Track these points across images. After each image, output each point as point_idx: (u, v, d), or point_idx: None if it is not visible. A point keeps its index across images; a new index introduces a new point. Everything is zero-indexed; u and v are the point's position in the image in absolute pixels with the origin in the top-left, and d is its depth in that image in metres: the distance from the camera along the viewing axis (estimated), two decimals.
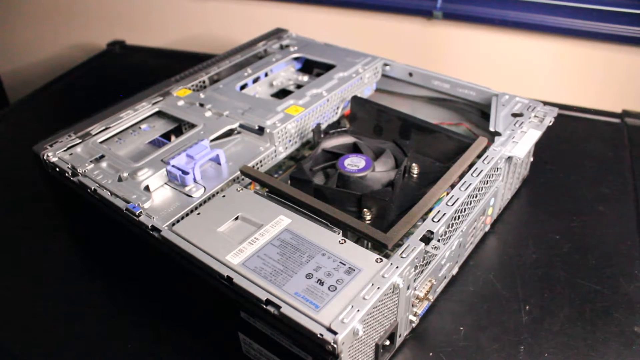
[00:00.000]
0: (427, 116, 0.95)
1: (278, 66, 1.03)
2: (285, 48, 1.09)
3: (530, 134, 0.81)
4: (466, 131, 0.93)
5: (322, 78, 0.95)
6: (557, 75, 1.27)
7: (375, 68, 1.00)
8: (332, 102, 0.92)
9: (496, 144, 0.78)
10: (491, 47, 1.29)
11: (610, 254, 0.81)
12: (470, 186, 0.70)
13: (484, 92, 0.93)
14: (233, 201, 0.69)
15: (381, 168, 0.75)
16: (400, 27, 1.34)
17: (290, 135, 0.85)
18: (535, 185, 0.94)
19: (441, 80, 0.97)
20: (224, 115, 0.86)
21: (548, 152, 1.01)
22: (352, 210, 0.71)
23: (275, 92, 1.01)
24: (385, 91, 1.04)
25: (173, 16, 1.58)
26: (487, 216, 0.82)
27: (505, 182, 0.84)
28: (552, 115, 0.86)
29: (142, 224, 0.68)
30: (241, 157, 0.79)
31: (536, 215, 0.89)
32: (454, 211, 0.67)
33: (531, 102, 0.89)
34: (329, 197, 0.71)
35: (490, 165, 0.74)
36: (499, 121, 0.83)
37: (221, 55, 1.06)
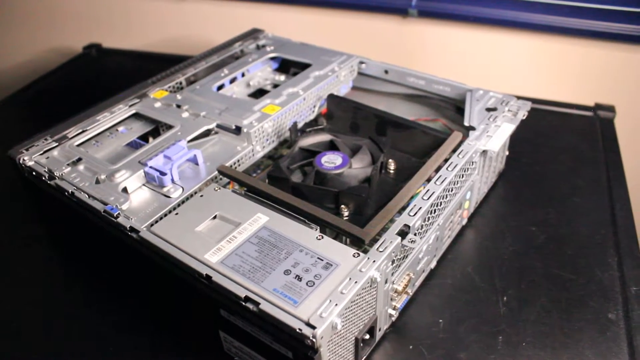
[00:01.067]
0: (404, 113, 0.96)
1: (255, 66, 1.04)
2: (262, 48, 1.10)
3: (504, 128, 0.82)
4: (442, 127, 0.94)
5: (298, 77, 0.96)
6: (530, 70, 1.29)
7: (351, 66, 1.01)
8: (309, 101, 0.92)
9: (471, 138, 0.79)
10: (466, 44, 1.30)
11: (585, 244, 0.83)
12: (446, 180, 0.71)
13: (458, 87, 0.94)
14: (211, 201, 0.69)
15: (358, 165, 0.76)
16: (375, 26, 1.35)
17: (268, 134, 0.85)
18: (511, 179, 0.96)
19: (416, 77, 0.98)
20: (201, 116, 0.87)
21: (523, 146, 1.02)
22: (330, 207, 0.71)
23: (253, 92, 1.02)
24: (362, 89, 1.05)
25: (149, 18, 1.58)
26: (464, 210, 0.83)
27: (481, 175, 0.85)
28: (526, 109, 0.87)
29: (120, 225, 0.68)
30: (219, 157, 0.80)
31: (512, 207, 0.90)
32: (429, 205, 0.68)
33: (505, 96, 0.90)
34: (306, 195, 0.72)
35: (465, 159, 0.75)
36: (474, 116, 0.85)
37: (198, 56, 1.07)
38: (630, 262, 0.80)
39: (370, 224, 0.64)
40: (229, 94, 0.98)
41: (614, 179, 0.95)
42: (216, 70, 1.02)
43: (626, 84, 1.23)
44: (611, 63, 1.22)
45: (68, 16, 1.66)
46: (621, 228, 0.85)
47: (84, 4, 1.63)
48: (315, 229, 0.64)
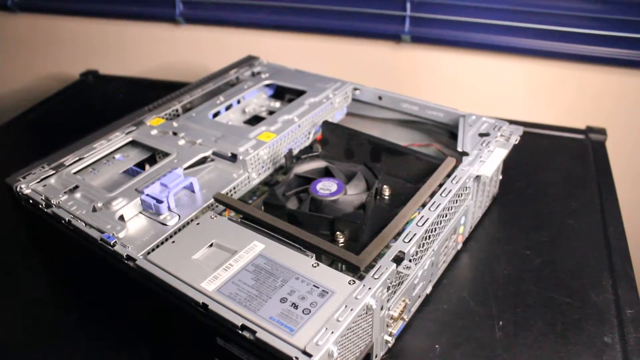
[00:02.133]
0: (398, 138, 0.97)
1: (250, 93, 1.05)
2: (257, 75, 1.11)
3: (497, 153, 0.83)
4: (436, 152, 0.95)
5: (293, 104, 0.97)
6: (523, 94, 1.31)
7: (345, 93, 1.03)
8: (304, 128, 0.93)
9: (464, 163, 0.80)
10: (458, 69, 1.32)
11: (580, 266, 0.83)
12: (440, 206, 0.72)
13: (451, 113, 0.95)
14: (207, 228, 0.69)
15: (353, 191, 0.77)
16: (369, 52, 1.36)
17: (263, 161, 0.86)
18: (505, 203, 0.97)
19: (410, 102, 0.99)
20: (197, 144, 0.87)
21: (517, 170, 1.03)
22: (326, 233, 0.72)
23: (248, 118, 1.03)
24: (356, 115, 1.06)
25: (146, 45, 1.59)
26: (459, 234, 0.84)
27: (475, 200, 0.86)
28: (518, 133, 0.88)
29: (117, 254, 0.68)
30: (215, 184, 0.80)
31: (507, 231, 0.91)
32: (424, 231, 0.68)
33: (497, 121, 0.91)
34: (302, 222, 0.72)
35: (459, 184, 0.76)
36: (467, 141, 0.86)
37: (194, 83, 1.08)
38: (624, 284, 0.80)
39: (366, 251, 0.64)
40: (224, 121, 0.99)
41: (606, 201, 0.96)
42: (212, 97, 1.03)
43: (616, 106, 1.25)
44: (601, 86, 1.24)
45: (65, 42, 1.68)
46: (615, 250, 0.86)
47: (81, 31, 1.64)
48: (311, 256, 0.65)
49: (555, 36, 1.21)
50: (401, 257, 0.65)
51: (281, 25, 1.40)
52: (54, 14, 1.64)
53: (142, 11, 1.52)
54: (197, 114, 0.96)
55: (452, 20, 1.25)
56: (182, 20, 1.49)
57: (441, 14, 1.25)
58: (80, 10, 1.59)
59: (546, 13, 1.19)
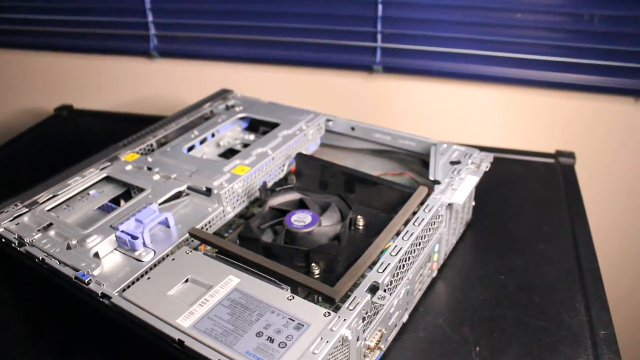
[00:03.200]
0: (371, 168, 0.99)
1: (224, 126, 1.06)
2: (231, 108, 1.12)
3: (468, 180, 0.85)
4: (409, 180, 0.97)
5: (267, 137, 0.98)
6: (494, 120, 1.33)
7: (319, 124, 1.04)
8: (278, 160, 0.95)
9: (436, 192, 0.82)
10: (430, 98, 1.35)
11: (553, 289, 0.85)
12: (413, 235, 0.73)
13: (422, 142, 0.97)
14: (183, 264, 0.70)
15: (327, 222, 0.78)
16: (342, 83, 1.39)
17: (238, 194, 0.87)
18: (478, 228, 0.98)
19: (382, 132, 1.01)
20: (172, 178, 0.88)
21: (489, 195, 1.05)
22: (301, 265, 0.73)
23: (223, 152, 1.04)
24: (330, 145, 1.08)
25: (120, 78, 1.60)
26: (434, 262, 0.85)
27: (449, 227, 0.87)
28: (488, 160, 0.90)
29: (92, 292, 0.68)
30: (190, 219, 0.81)
31: (481, 257, 0.92)
32: (397, 261, 0.69)
33: (468, 149, 0.93)
34: (277, 254, 0.73)
35: (432, 213, 0.77)
36: (438, 170, 0.88)
37: (168, 117, 1.09)
38: (597, 305, 0.82)
39: (341, 282, 0.65)
40: (199, 155, 1.00)
41: (577, 224, 0.98)
42: (186, 131, 1.04)
43: (586, 131, 1.28)
44: (571, 112, 1.27)
45: (40, 77, 1.68)
46: (587, 272, 0.88)
47: (55, 65, 1.65)
48: (286, 289, 0.65)
49: (525, 64, 1.24)
50: (376, 287, 0.66)
51: (254, 58, 1.43)
52: (28, 49, 1.64)
53: (117, 45, 1.53)
54: (171, 149, 0.97)
55: (423, 50, 1.28)
56: (156, 54, 1.51)
57: (412, 44, 1.28)
58: (55, 45, 1.60)
59: (516, 42, 1.22)
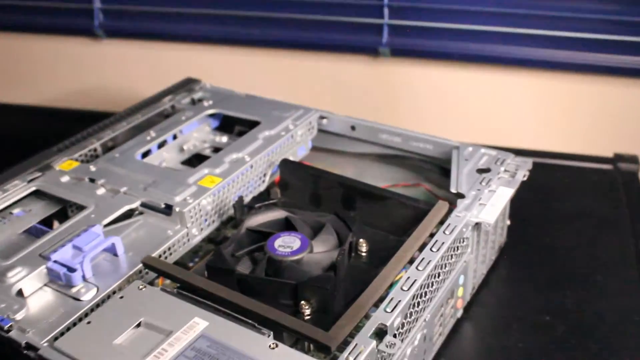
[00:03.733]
0: (377, 178, 0.99)
1: (189, 126, 1.06)
2: (198, 103, 1.13)
3: (501, 193, 0.85)
4: (425, 194, 0.97)
5: (244, 139, 0.99)
6: (531, 116, 1.34)
7: (310, 122, 1.05)
8: (257, 169, 0.95)
9: (459, 208, 0.82)
10: (450, 88, 1.35)
11: (615, 335, 0.85)
12: (431, 263, 0.73)
13: (442, 144, 0.98)
14: (134, 303, 0.70)
15: (321, 248, 0.78)
16: (339, 70, 1.39)
17: (207, 213, 0.87)
18: (515, 254, 0.99)
19: (391, 133, 1.01)
20: (122, 193, 0.88)
21: (529, 212, 1.06)
22: (288, 304, 0.72)
23: (187, 158, 1.04)
24: (324, 149, 1.08)
25: (56, 64, 1.60)
26: (458, 298, 0.85)
27: (476, 254, 0.88)
28: (526, 167, 0.91)
29: (14, 342, 0.67)
30: (144, 244, 0.81)
31: (519, 291, 0.92)
32: (411, 297, 0.69)
33: (500, 153, 0.94)
34: (257, 290, 0.73)
35: (454, 235, 0.78)
36: (462, 179, 0.88)
37: (117, 115, 1.09)
38: None
39: (338, 325, 0.65)
40: (157, 162, 1.00)
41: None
42: (141, 132, 1.04)
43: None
44: (630, 104, 1.27)
45: None
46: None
47: None
48: (268, 334, 0.65)
49: (572, 44, 1.23)
50: (383, 331, 0.66)
51: (228, 39, 1.43)
52: None
53: (52, 23, 1.52)
54: (121, 154, 0.97)
55: (440, 28, 1.28)
56: (102, 34, 1.51)
57: (427, 20, 1.28)
58: None
59: (557, 17, 1.22)
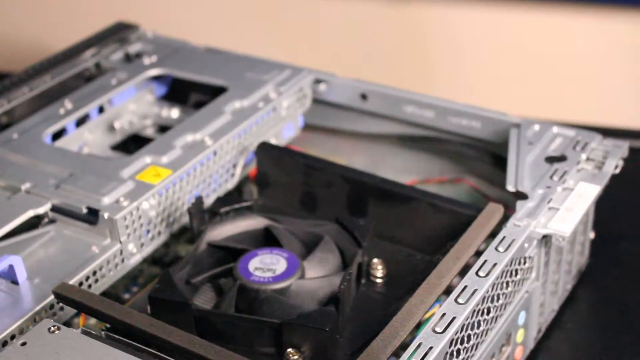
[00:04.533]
0: (399, 171, 1.00)
1: (123, 94, 1.07)
2: (135, 59, 1.13)
3: (582, 193, 0.86)
4: (471, 193, 0.98)
5: (203, 113, 0.99)
6: (628, 80, 1.35)
7: (300, 89, 1.05)
8: (224, 157, 0.95)
9: (519, 214, 0.82)
10: (506, 38, 1.36)
11: None
12: (476, 295, 0.73)
13: (495, 120, 0.98)
14: (43, 352, 0.69)
15: (316, 272, 0.78)
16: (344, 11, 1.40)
17: (149, 221, 0.87)
18: (601, 282, 1.00)
19: (418, 104, 1.02)
20: (23, 191, 0.88)
21: (622, 219, 1.07)
22: (268, 352, 0.73)
23: (120, 141, 1.05)
24: (322, 129, 1.09)
25: None
26: (516, 346, 0.85)
27: (544, 281, 0.88)
28: (620, 154, 0.91)
29: None
30: (57, 267, 0.81)
31: (607, 335, 0.93)
32: (447, 343, 0.70)
33: (581, 133, 0.94)
34: (223, 332, 0.73)
35: (511, 254, 0.78)
36: (524, 173, 0.88)
37: (14, 77, 1.09)
38: None
39: None
40: (75, 147, 1.00)
41: None
42: (50, 103, 1.04)
43: None
44: None
45: None
46: None
47: None
48: None
49: None
50: None
51: None
52: None
53: None
54: (21, 135, 0.97)
55: None
56: None
57: None
58: None
59: None
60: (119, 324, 0.72)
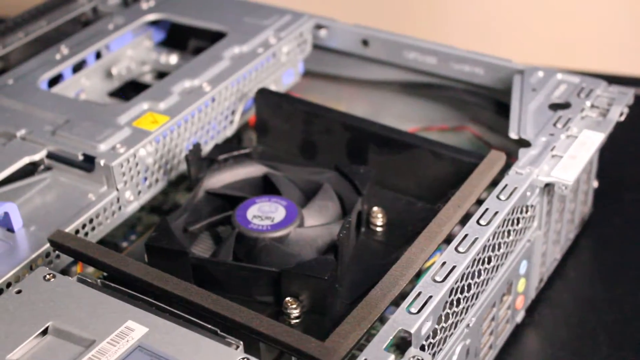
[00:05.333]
0: (401, 117, 0.99)
1: (120, 39, 1.06)
2: (133, 3, 1.12)
3: (586, 140, 0.85)
4: (473, 140, 0.97)
5: (201, 58, 0.99)
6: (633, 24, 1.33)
7: (300, 34, 1.04)
8: (223, 103, 0.95)
9: (522, 162, 0.82)
10: None
11: None
12: (477, 243, 0.73)
13: (498, 67, 0.97)
14: (38, 300, 0.70)
15: (315, 220, 0.78)
16: None
17: (146, 168, 0.87)
18: (604, 232, 1.00)
19: (421, 50, 1.01)
20: (18, 138, 0.88)
21: (625, 169, 1.07)
22: (266, 301, 0.73)
23: (118, 87, 1.04)
24: (322, 76, 1.08)
25: None
26: (517, 295, 0.85)
27: (547, 230, 0.88)
28: (625, 101, 0.90)
29: None
30: (53, 214, 0.81)
31: (608, 285, 0.93)
32: (447, 292, 0.70)
33: (585, 80, 0.94)
34: (221, 280, 0.73)
35: (513, 202, 0.77)
36: (527, 120, 0.88)
37: (9, 21, 1.08)
38: None
39: (340, 332, 0.65)
40: (71, 93, 1.00)
41: None
42: (46, 48, 1.04)
43: None
44: None
45: None
46: None
47: None
48: (237, 346, 0.65)
49: None
50: (407, 342, 0.66)
51: None
52: None
53: None
54: (16, 81, 0.97)
55: None
56: None
57: None
58: None
59: None
60: (115, 272, 0.72)
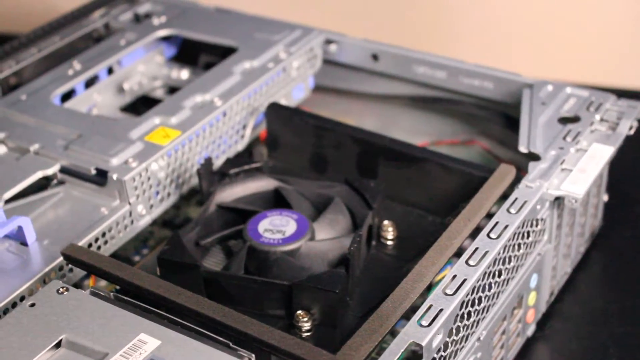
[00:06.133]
0: (411, 132, 1.00)
1: (132, 55, 1.06)
2: (145, 19, 1.13)
3: (595, 154, 0.85)
4: (483, 154, 0.97)
5: (212, 73, 0.99)
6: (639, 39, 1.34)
7: (311, 50, 1.05)
8: (234, 118, 0.95)
9: (532, 175, 0.82)
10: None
11: None
12: (487, 257, 0.73)
13: (507, 81, 0.97)
14: (52, 313, 0.70)
15: (326, 233, 0.79)
16: None
17: (158, 183, 0.87)
18: (614, 245, 0.99)
19: (431, 64, 1.01)
20: (32, 153, 0.88)
21: (636, 182, 1.06)
22: (277, 314, 0.73)
23: (129, 102, 1.05)
24: (332, 90, 1.09)
25: None
26: (528, 309, 0.85)
27: (557, 244, 0.88)
28: (634, 115, 0.90)
29: None
30: (66, 228, 0.81)
31: (619, 299, 0.93)
32: (458, 305, 0.70)
33: (594, 94, 0.94)
34: (232, 294, 0.73)
35: (523, 215, 0.78)
36: (537, 134, 0.88)
37: (23, 37, 1.08)
38: None
39: (351, 345, 0.65)
40: (84, 108, 1.00)
41: None
42: (59, 64, 1.04)
43: None
44: None
45: None
46: None
47: None
48: (248, 358, 0.66)
49: None
50: (418, 355, 0.66)
51: None
52: None
53: None
54: (30, 96, 0.97)
55: None
56: None
57: None
58: None
59: None
60: (127, 285, 0.73)
